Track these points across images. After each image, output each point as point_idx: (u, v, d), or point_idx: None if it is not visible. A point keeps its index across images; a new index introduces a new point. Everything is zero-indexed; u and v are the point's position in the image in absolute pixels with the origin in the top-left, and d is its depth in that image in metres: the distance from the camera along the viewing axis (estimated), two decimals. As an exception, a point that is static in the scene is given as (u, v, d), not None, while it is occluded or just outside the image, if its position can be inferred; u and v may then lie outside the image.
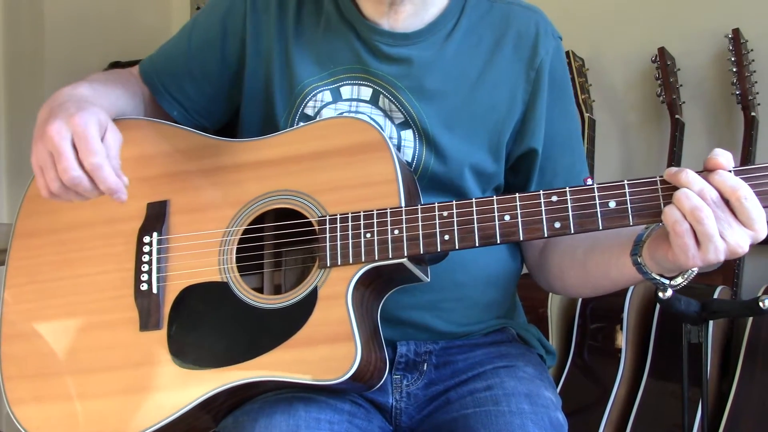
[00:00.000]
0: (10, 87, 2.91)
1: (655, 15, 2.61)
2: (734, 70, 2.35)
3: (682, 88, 2.48)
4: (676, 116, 2.43)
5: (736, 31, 2.36)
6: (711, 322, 1.95)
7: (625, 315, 2.20)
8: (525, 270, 1.38)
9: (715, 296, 2.12)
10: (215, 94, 1.33)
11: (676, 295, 1.49)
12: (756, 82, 2.34)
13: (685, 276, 1.03)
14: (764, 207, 0.95)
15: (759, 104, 2.35)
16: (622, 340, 2.21)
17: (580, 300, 2.29)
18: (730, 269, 2.30)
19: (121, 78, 1.33)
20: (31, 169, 1.25)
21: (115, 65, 3.11)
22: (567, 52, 2.56)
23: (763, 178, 0.95)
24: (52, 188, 1.07)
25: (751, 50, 2.37)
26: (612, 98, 2.69)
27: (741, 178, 0.95)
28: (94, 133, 1.04)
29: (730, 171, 0.96)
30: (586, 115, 2.52)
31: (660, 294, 1.47)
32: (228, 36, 1.29)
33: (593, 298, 2.27)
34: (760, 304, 1.43)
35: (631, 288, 2.23)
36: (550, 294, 2.31)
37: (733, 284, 2.28)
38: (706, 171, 0.97)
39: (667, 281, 1.05)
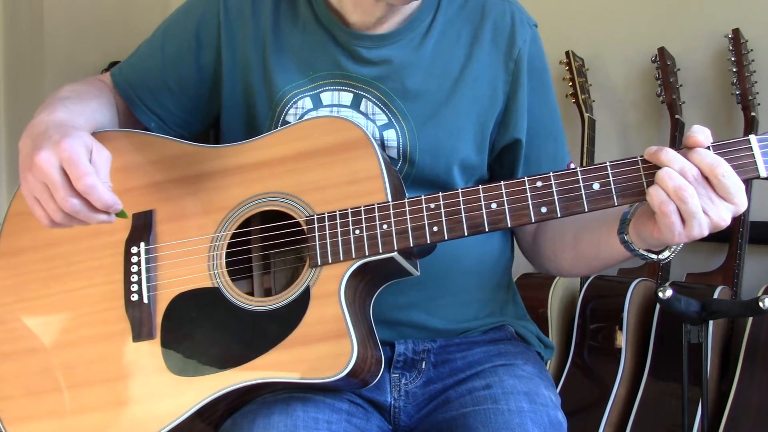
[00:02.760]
0: (10, 87, 2.91)
1: (655, 15, 2.61)
2: (734, 70, 2.35)
3: (682, 88, 2.48)
4: (676, 116, 2.43)
5: (736, 31, 2.36)
6: (711, 322, 1.95)
7: (625, 315, 2.20)
8: (525, 270, 1.38)
9: (715, 296, 2.12)
10: (193, 106, 1.32)
11: (676, 295, 1.49)
12: (756, 82, 2.34)
13: (672, 250, 1.07)
14: (743, 180, 0.97)
15: (759, 104, 2.35)
16: (622, 340, 2.21)
17: (580, 300, 2.29)
18: (730, 269, 2.30)
19: (94, 89, 1.31)
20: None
21: (115, 65, 3.10)
22: (567, 52, 2.56)
23: (740, 152, 0.98)
24: (55, 218, 1.06)
25: (751, 50, 2.37)
26: (612, 98, 2.69)
27: (719, 153, 0.98)
28: (82, 156, 1.03)
29: (708, 147, 0.98)
30: (586, 115, 2.52)
31: (660, 294, 1.48)
32: (203, 47, 1.28)
33: (593, 298, 2.28)
34: (760, 304, 1.43)
35: (631, 288, 2.23)
36: (550, 294, 2.31)
37: (733, 284, 2.28)
38: (685, 148, 0.99)
39: (654, 256, 1.08)
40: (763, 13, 2.43)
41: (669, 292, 1.48)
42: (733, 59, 2.35)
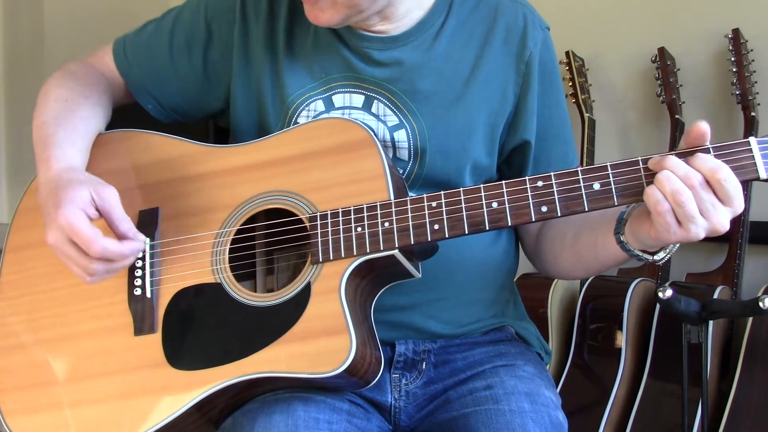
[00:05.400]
0: (10, 87, 2.91)
1: (655, 15, 2.61)
2: (734, 70, 2.35)
3: (682, 88, 2.48)
4: (676, 116, 2.43)
5: (736, 31, 2.36)
6: (711, 322, 1.95)
7: (625, 315, 2.20)
8: (524, 270, 1.38)
9: (715, 296, 2.12)
10: (192, 96, 1.32)
11: (676, 295, 1.49)
12: (756, 82, 2.34)
13: (667, 250, 1.07)
14: (741, 182, 0.99)
15: (759, 104, 2.35)
16: (622, 340, 2.21)
17: (580, 300, 2.29)
18: (730, 269, 2.30)
19: (83, 87, 1.28)
20: (31, 169, 1.24)
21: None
22: (567, 52, 2.56)
23: (740, 154, 1.00)
24: (88, 281, 1.10)
25: (751, 50, 2.37)
26: (612, 98, 2.69)
27: (719, 154, 0.99)
28: (81, 225, 1.05)
29: (708, 149, 0.99)
30: (586, 115, 2.52)
31: (660, 294, 1.48)
32: (213, 40, 1.29)
33: (593, 298, 2.28)
34: (760, 304, 1.43)
35: (631, 288, 2.23)
36: (550, 294, 2.32)
37: (733, 284, 2.28)
38: (686, 150, 1.00)
39: (650, 257, 1.08)
40: (763, 13, 2.43)
41: (669, 292, 1.48)
42: (733, 59, 2.35)
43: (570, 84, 2.55)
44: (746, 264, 2.32)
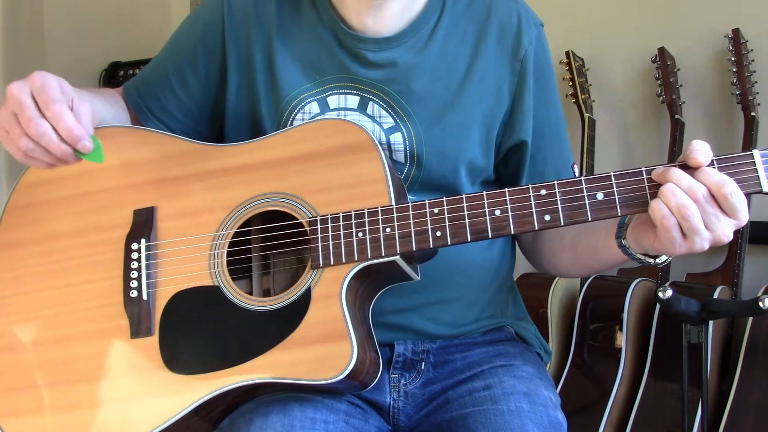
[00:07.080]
0: (10, 87, 2.91)
1: (655, 15, 2.61)
2: (734, 70, 2.35)
3: (682, 88, 2.48)
4: (676, 116, 2.43)
5: (736, 31, 2.36)
6: (711, 322, 1.95)
7: (625, 315, 2.20)
8: (525, 270, 1.38)
9: (715, 296, 2.12)
10: (200, 113, 1.32)
11: (676, 295, 1.49)
12: (756, 82, 2.34)
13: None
14: (746, 194, 0.98)
15: (759, 104, 2.35)
16: (622, 340, 2.21)
17: (580, 300, 2.29)
18: (730, 269, 2.30)
19: (104, 91, 1.33)
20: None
21: (115, 65, 3.10)
22: (567, 52, 2.56)
23: (743, 166, 0.99)
24: (20, 145, 1.05)
25: (751, 50, 2.37)
26: (612, 98, 2.69)
27: (722, 167, 0.98)
28: (52, 85, 1.04)
29: (712, 162, 0.99)
30: (586, 115, 2.52)
31: (660, 294, 1.48)
32: (209, 53, 1.28)
33: (593, 298, 2.28)
34: (760, 304, 1.43)
35: (631, 288, 2.23)
36: (550, 294, 2.32)
37: (733, 284, 2.28)
38: (686, 165, 0.99)
39: (651, 260, 1.09)
40: (763, 13, 2.43)
41: (669, 292, 1.48)
42: (733, 59, 2.36)
43: (570, 84, 2.55)
44: (746, 264, 2.32)
